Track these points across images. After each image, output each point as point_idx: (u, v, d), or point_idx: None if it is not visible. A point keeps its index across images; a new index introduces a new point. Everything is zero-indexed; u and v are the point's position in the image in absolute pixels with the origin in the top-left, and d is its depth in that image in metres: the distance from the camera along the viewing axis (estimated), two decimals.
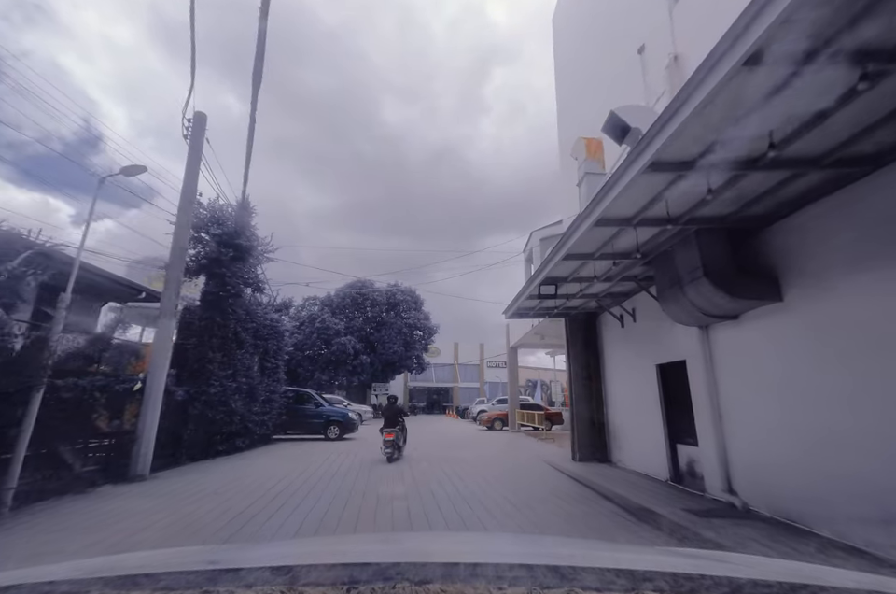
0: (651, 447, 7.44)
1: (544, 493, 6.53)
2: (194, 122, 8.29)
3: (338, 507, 5.46)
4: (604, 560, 0.98)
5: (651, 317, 7.37)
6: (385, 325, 31.94)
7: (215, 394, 9.03)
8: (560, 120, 12.80)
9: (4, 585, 0.71)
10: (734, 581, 0.75)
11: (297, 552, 1.28)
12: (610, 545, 2.05)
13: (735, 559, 1.29)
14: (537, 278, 7.05)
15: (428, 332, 33.64)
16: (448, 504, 5.70)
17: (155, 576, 0.73)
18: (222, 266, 9.14)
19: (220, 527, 4.62)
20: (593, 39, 10.14)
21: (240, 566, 0.82)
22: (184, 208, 7.85)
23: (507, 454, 11.43)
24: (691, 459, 6.42)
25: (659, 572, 0.78)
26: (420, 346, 33.99)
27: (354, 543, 1.69)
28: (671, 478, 6.78)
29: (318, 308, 30.37)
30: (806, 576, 0.89)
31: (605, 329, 9.59)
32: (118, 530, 4.46)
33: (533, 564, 0.80)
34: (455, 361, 47.75)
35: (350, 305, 31.74)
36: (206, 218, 9.20)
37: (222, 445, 9.56)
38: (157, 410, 7.14)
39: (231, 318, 9.74)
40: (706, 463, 5.80)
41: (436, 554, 1.11)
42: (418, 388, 47.80)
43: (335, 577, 0.69)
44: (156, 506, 5.48)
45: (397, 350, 30.97)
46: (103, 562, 1.01)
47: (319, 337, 28.25)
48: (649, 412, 7.54)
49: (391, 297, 32.96)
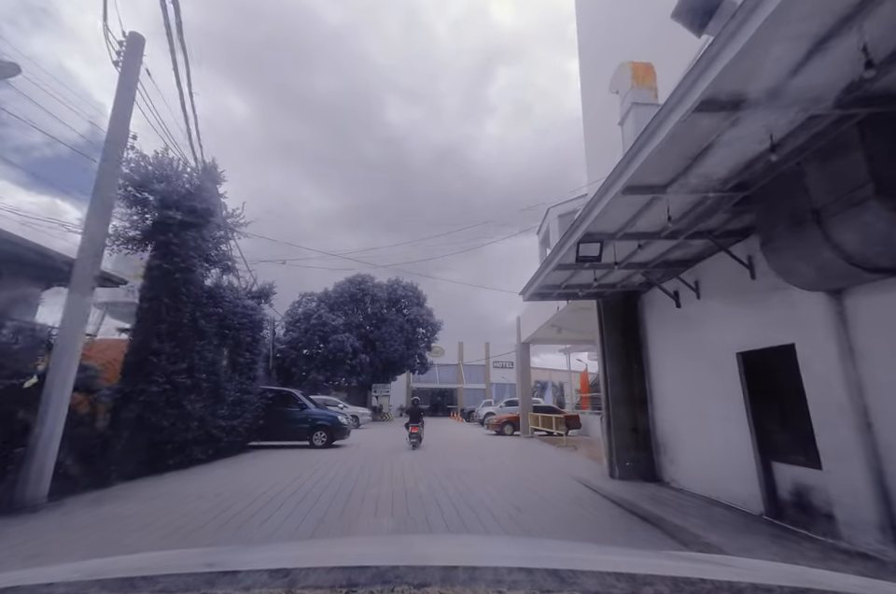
0: (727, 464, 5.52)
1: (589, 531, 4.63)
2: (128, 46, 6.49)
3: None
4: (604, 564, 0.98)
5: (729, 288, 5.46)
6: (385, 322, 30.10)
7: (159, 393, 7.18)
8: (582, 72, 10.94)
9: (3, 586, 0.71)
10: (734, 585, 0.74)
11: (295, 555, 1.22)
12: (611, 549, 1.92)
13: (736, 563, 1.23)
14: (575, 233, 5.15)
15: (432, 328, 31.75)
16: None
17: (153, 579, 0.74)
18: (168, 232, 7.30)
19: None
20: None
21: (238, 569, 0.80)
22: (111, 146, 6.04)
23: (524, 466, 9.51)
24: (802, 485, 4.49)
25: (659, 577, 0.77)
26: (423, 345, 32.11)
27: (352, 545, 1.65)
28: (767, 511, 4.84)
29: (315, 304, 28.57)
30: (808, 581, 0.88)
31: (650, 312, 7.67)
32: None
33: (533, 568, 0.80)
34: (460, 361, 45.78)
35: (348, 301, 29.92)
36: (152, 174, 7.40)
37: (174, 458, 7.70)
38: (61, 413, 5.30)
39: (185, 301, 7.90)
40: (840, 495, 3.87)
41: (435, 557, 1.06)
42: (421, 390, 45.83)
43: (333, 580, 0.69)
44: (13, 563, 3.62)
45: (398, 348, 29.09)
46: (100, 564, 1.00)
47: (315, 334, 26.45)
48: (722, 416, 5.62)
49: (392, 293, 31.13)
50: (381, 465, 9.06)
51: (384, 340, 29.56)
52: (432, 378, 44.69)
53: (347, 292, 29.73)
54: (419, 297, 31.78)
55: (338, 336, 26.29)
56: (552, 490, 6.72)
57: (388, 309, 30.94)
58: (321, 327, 26.40)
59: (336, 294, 29.80)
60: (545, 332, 15.42)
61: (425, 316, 30.92)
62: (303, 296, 29.27)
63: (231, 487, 6.63)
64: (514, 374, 41.27)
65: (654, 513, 5.20)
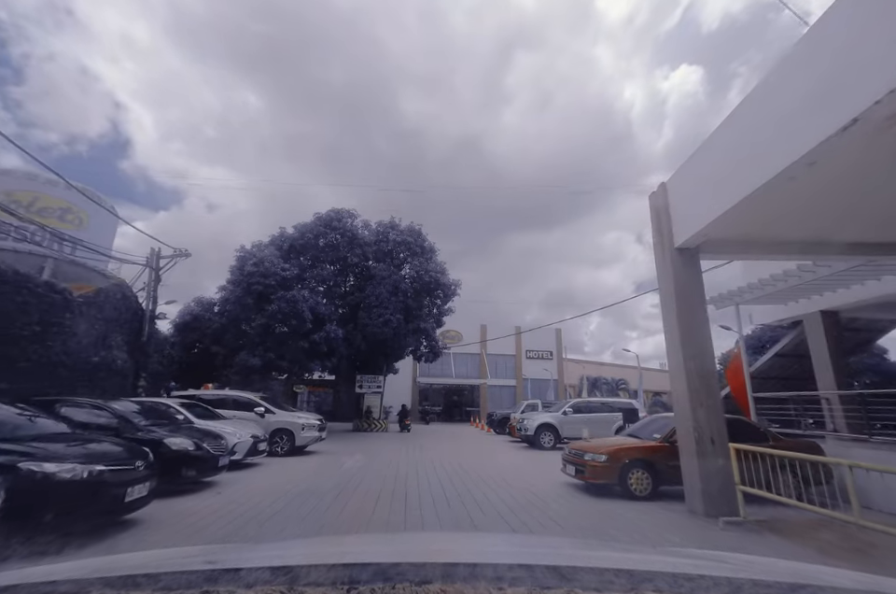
0: None
1: None
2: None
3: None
4: (604, 560, 0.98)
5: None
6: (372, 280, 19.61)
7: None
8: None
9: (4, 584, 0.71)
10: (733, 581, 0.75)
11: (297, 552, 1.24)
12: (610, 546, 1.99)
13: (735, 560, 1.23)
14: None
15: (444, 292, 21.09)
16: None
17: (155, 576, 0.73)
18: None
19: None
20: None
21: (240, 566, 0.80)
22: None
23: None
24: None
25: (659, 573, 0.78)
26: (431, 316, 21.51)
27: (354, 543, 1.63)
28: None
29: (257, 249, 18.19)
30: (805, 576, 0.89)
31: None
32: None
33: (533, 564, 0.80)
34: (482, 350, 35.05)
35: (314, 247, 19.52)
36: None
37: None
38: None
39: None
40: None
41: (436, 554, 1.06)
42: (433, 387, 35.27)
43: (335, 577, 0.69)
44: None
45: (391, 319, 18.52)
46: (103, 562, 1.00)
47: (251, 294, 16.10)
48: None
49: (382, 239, 20.64)
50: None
51: (369, 307, 19.06)
52: (447, 371, 34.10)
53: (314, 234, 19.31)
54: (423, 245, 21.19)
55: (288, 294, 15.88)
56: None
57: (377, 262, 20.43)
58: (261, 279, 16.03)
59: (298, 235, 19.42)
60: (756, 209, 4.73)
61: (433, 273, 20.23)
62: (249, 247, 18.68)
63: None
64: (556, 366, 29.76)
65: None
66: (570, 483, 7.50)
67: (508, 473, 8.87)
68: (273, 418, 10.48)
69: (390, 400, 30.68)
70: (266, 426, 10.34)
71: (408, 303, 19.70)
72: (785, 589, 0.72)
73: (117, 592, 0.67)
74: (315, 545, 1.48)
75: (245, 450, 8.25)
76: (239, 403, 10.66)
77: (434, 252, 21.82)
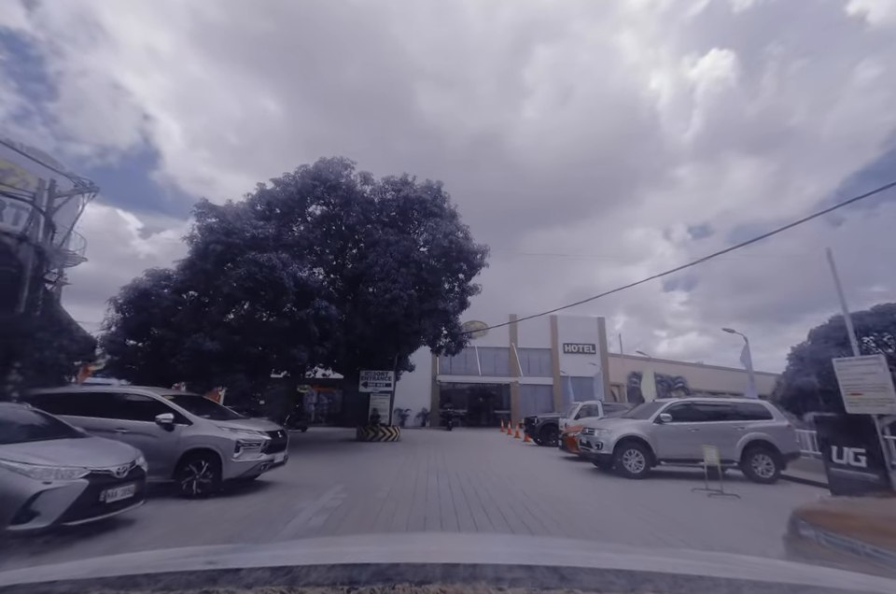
0: None
1: None
2: None
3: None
4: (604, 561, 0.98)
5: None
6: (376, 246, 15.26)
7: None
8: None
9: (4, 585, 0.70)
10: (733, 582, 0.74)
11: (296, 553, 1.22)
12: (610, 546, 1.96)
13: (735, 561, 1.22)
14: None
15: (468, 263, 16.52)
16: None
17: (155, 576, 0.72)
18: None
19: None
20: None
21: (240, 566, 0.79)
22: None
23: None
24: None
25: (659, 574, 0.78)
26: (452, 293, 16.99)
27: (353, 543, 1.61)
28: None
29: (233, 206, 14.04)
30: (806, 578, 0.88)
31: None
32: None
33: (533, 565, 0.78)
34: (513, 344, 30.26)
35: (299, 204, 15.28)
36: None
37: None
38: None
39: None
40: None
41: (436, 554, 1.06)
42: (456, 387, 30.68)
43: (335, 578, 0.68)
44: None
45: (400, 296, 14.09)
46: (102, 562, 0.99)
47: (207, 253, 11.92)
48: None
49: (390, 198, 16.27)
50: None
51: (372, 280, 14.71)
52: (471, 369, 29.48)
53: (298, 189, 15.07)
54: (440, 204, 16.69)
55: (262, 256, 11.63)
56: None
57: (384, 228, 16.03)
58: (222, 237, 11.83)
59: (281, 190, 15.21)
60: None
61: (453, 236, 15.67)
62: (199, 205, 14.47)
63: None
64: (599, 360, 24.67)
65: None
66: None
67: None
68: (186, 432, 6.15)
69: (406, 402, 26.33)
70: (175, 444, 6.05)
71: (422, 275, 15.24)
72: (785, 590, 0.73)
73: (116, 592, 0.66)
74: (315, 546, 1.52)
75: (63, 504, 3.93)
76: (130, 406, 6.37)
77: (456, 216, 17.34)
